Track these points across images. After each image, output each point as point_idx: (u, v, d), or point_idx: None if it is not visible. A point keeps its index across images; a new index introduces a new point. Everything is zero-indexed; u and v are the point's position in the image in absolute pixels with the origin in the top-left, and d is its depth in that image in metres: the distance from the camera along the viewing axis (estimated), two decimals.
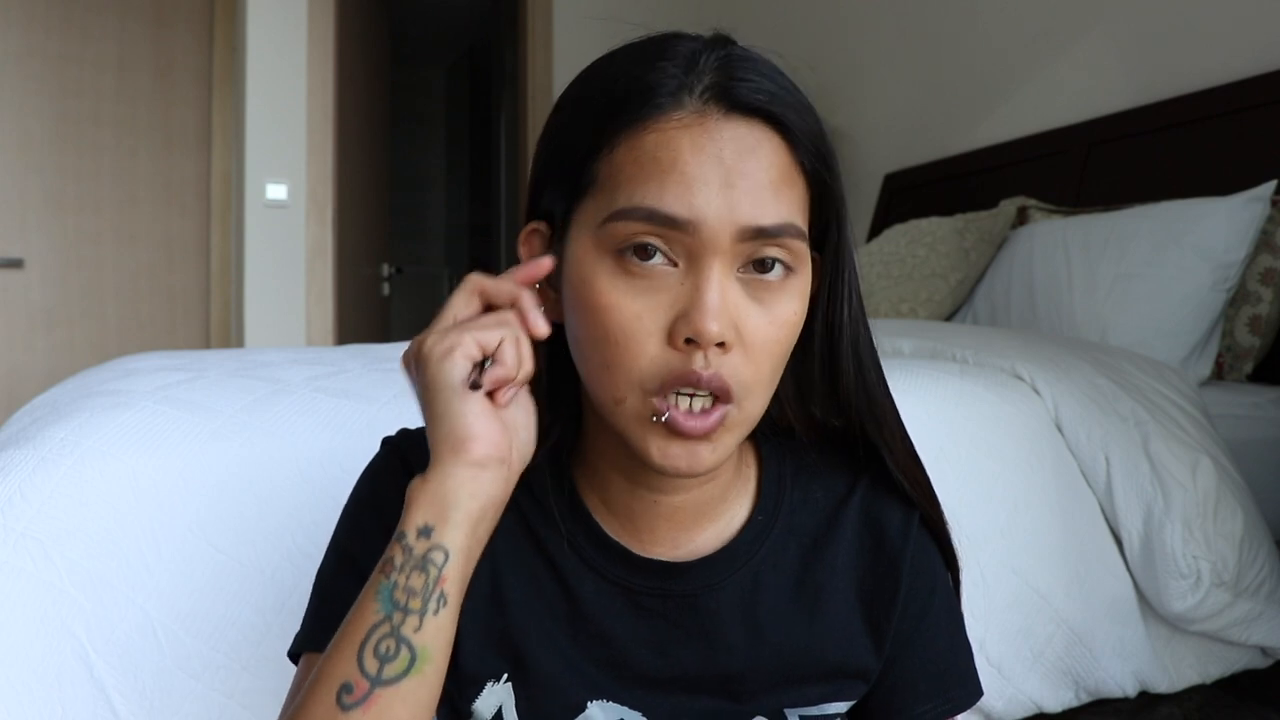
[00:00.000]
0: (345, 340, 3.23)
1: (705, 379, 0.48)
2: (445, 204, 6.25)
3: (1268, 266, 1.65)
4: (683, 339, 0.48)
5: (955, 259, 2.12)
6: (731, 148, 0.49)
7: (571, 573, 0.58)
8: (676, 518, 0.58)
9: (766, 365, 0.51)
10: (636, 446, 0.51)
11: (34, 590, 0.77)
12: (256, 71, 3.08)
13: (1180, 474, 1.14)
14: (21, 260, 3.04)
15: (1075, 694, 1.12)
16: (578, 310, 0.52)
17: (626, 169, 0.50)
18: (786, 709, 0.58)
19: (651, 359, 0.49)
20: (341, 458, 0.89)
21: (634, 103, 0.50)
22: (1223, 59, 1.90)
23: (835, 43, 3.20)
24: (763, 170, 0.49)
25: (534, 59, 3.60)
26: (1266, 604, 1.15)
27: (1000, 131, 2.53)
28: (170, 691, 0.79)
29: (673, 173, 0.48)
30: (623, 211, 0.49)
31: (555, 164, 0.55)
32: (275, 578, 0.83)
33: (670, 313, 0.49)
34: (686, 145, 0.49)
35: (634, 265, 0.49)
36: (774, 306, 0.50)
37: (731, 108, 0.50)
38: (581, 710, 0.56)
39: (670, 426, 0.49)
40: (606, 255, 0.50)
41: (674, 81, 0.50)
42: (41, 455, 0.83)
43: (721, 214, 0.48)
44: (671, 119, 0.49)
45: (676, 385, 0.49)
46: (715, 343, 0.48)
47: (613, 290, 0.50)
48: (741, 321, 0.49)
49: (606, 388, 0.51)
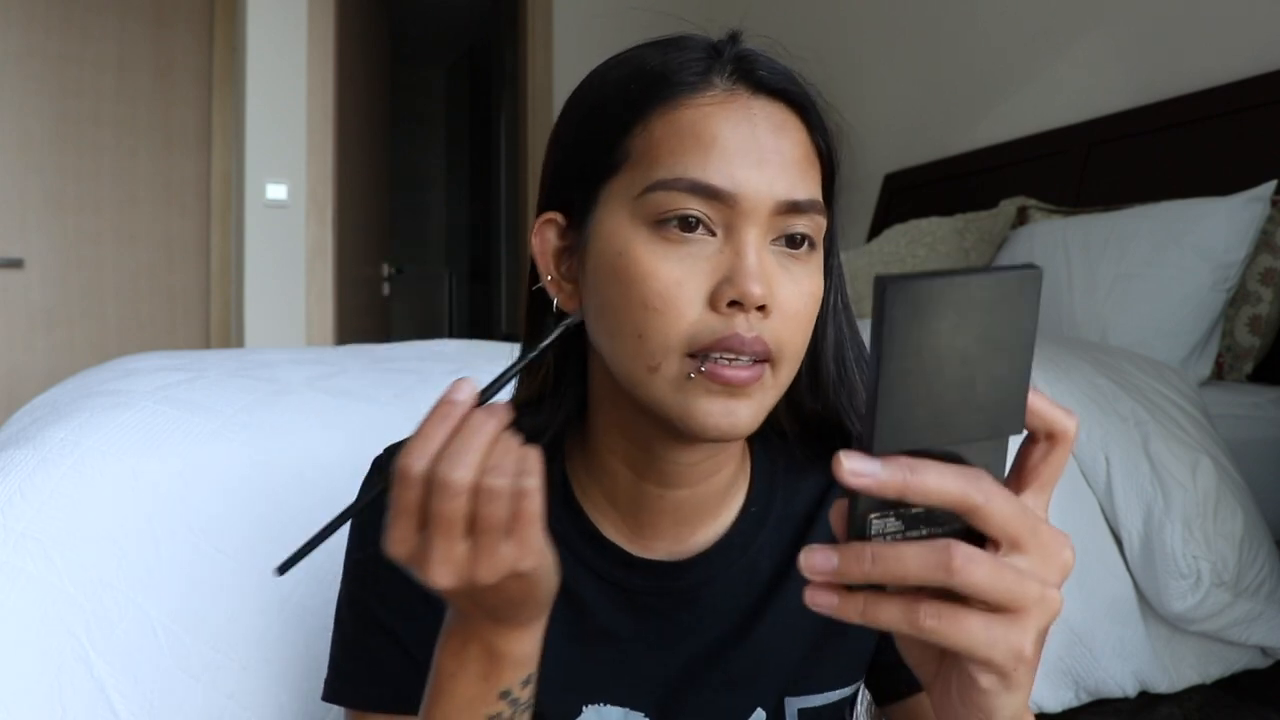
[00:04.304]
0: (345, 340, 3.22)
1: (749, 341, 0.49)
2: (445, 204, 6.25)
3: (1268, 266, 1.65)
4: (726, 302, 0.49)
5: (955, 259, 2.12)
6: (765, 125, 0.51)
7: (568, 575, 0.57)
8: (680, 513, 0.58)
9: (799, 334, 0.52)
10: (673, 412, 0.51)
11: (34, 590, 0.77)
12: (256, 71, 3.08)
13: (1180, 474, 1.14)
14: (21, 260, 3.04)
15: (1075, 694, 1.12)
16: (610, 283, 0.52)
17: (666, 142, 0.51)
18: (787, 699, 0.58)
19: (693, 323, 0.49)
20: (342, 457, 0.89)
21: (667, 80, 0.52)
22: (1223, 59, 1.90)
23: (835, 42, 3.20)
24: (792, 148, 0.51)
25: (534, 59, 3.60)
26: (1266, 604, 1.15)
27: (1000, 131, 2.53)
28: (170, 691, 0.79)
29: (714, 147, 0.50)
30: (664, 182, 0.50)
31: (581, 146, 0.55)
32: (276, 578, 0.83)
33: (711, 279, 0.50)
34: (723, 120, 0.51)
35: (673, 234, 0.50)
36: (802, 279, 0.52)
37: (758, 88, 0.52)
38: (578, 714, 0.56)
39: (711, 378, 0.49)
40: (643, 226, 0.51)
41: (701, 64, 0.52)
42: (41, 455, 0.83)
43: (760, 187, 0.50)
44: (705, 96, 0.51)
45: (719, 349, 0.49)
46: (758, 305, 0.49)
47: (651, 257, 0.50)
48: (776, 289, 0.50)
49: (640, 357, 0.51)
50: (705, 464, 0.57)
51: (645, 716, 0.57)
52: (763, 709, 0.58)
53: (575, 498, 0.59)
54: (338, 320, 3.17)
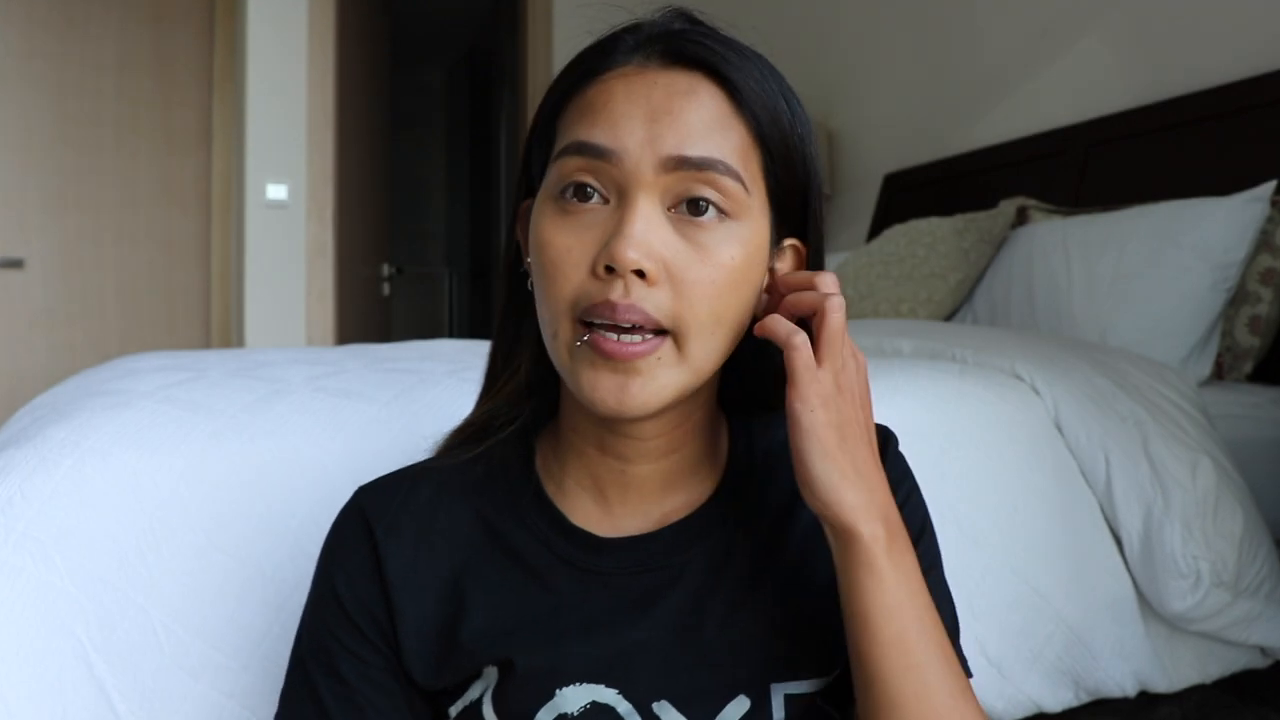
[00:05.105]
0: (345, 340, 3.22)
1: (621, 308, 0.49)
2: (445, 204, 6.25)
3: (1267, 266, 1.65)
4: (602, 267, 0.50)
5: (955, 259, 2.12)
6: (663, 90, 0.51)
7: (540, 564, 0.58)
8: (645, 488, 0.59)
9: (702, 306, 0.51)
10: (571, 382, 0.53)
11: (34, 590, 0.77)
12: (257, 72, 3.08)
13: (1180, 474, 1.14)
14: (21, 260, 3.04)
15: (1075, 694, 1.12)
16: (533, 258, 0.54)
17: (571, 118, 0.53)
18: (772, 685, 0.57)
19: (576, 289, 0.51)
20: (342, 457, 0.89)
21: (588, 65, 0.54)
22: (1223, 59, 1.90)
23: (835, 43, 3.20)
24: (693, 111, 0.51)
25: (534, 59, 3.60)
26: (1266, 604, 1.15)
27: (1000, 131, 2.53)
28: (170, 691, 0.79)
29: (603, 112, 0.51)
30: (559, 152, 0.52)
31: (532, 135, 0.58)
32: (276, 577, 0.83)
33: (597, 245, 0.51)
34: (620, 89, 0.52)
35: (570, 205, 0.52)
36: (708, 247, 0.51)
37: (673, 60, 0.52)
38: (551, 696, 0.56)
39: (594, 348, 0.50)
40: (550, 200, 0.53)
41: (625, 45, 0.54)
42: (41, 455, 0.83)
43: (643, 144, 0.50)
44: (614, 72, 0.53)
45: (595, 315, 0.50)
46: (632, 270, 0.49)
47: (550, 228, 0.52)
48: (670, 259, 0.50)
49: (547, 323, 0.53)
50: (659, 440, 0.57)
51: (619, 694, 0.56)
52: (746, 696, 0.56)
53: (545, 490, 0.60)
54: (338, 320, 3.17)
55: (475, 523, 0.60)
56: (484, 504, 0.60)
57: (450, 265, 6.13)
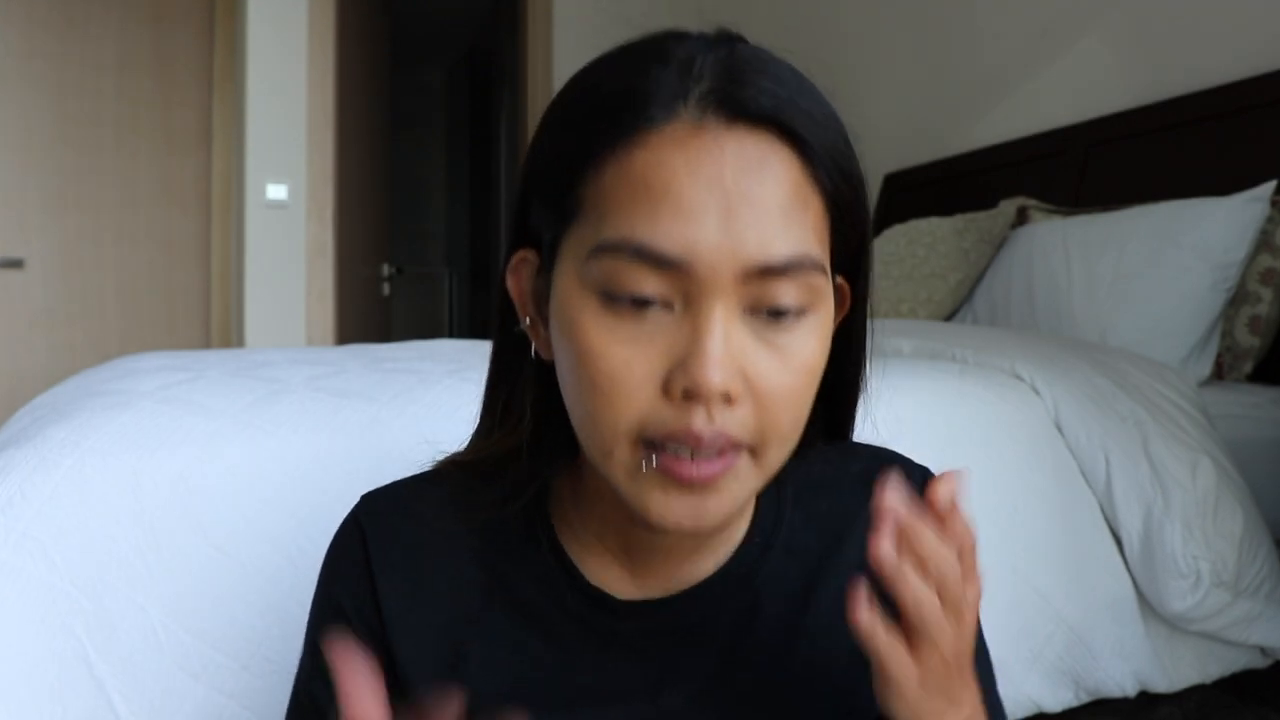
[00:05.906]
0: (345, 340, 3.22)
1: (707, 439, 0.42)
2: (445, 204, 6.25)
3: (1267, 266, 1.65)
4: (680, 391, 0.42)
5: (955, 259, 2.12)
6: (734, 165, 0.42)
7: (550, 621, 0.53)
8: (676, 552, 0.53)
9: (785, 416, 0.44)
10: (633, 504, 0.45)
11: (34, 590, 0.77)
12: (257, 71, 3.08)
13: (1180, 474, 1.14)
14: (21, 260, 3.04)
15: (1075, 694, 1.12)
16: (563, 353, 0.46)
17: (615, 194, 0.43)
18: None
19: (643, 413, 0.43)
20: (342, 458, 0.89)
21: (623, 116, 0.43)
22: (1223, 59, 1.90)
23: (835, 43, 3.20)
24: (771, 193, 0.42)
25: (534, 59, 3.60)
26: (1266, 604, 1.15)
27: (1000, 131, 2.53)
28: (170, 691, 0.79)
29: (665, 201, 0.41)
30: (609, 245, 0.42)
31: (540, 186, 0.48)
32: (276, 578, 0.83)
33: (666, 360, 0.42)
34: (681, 165, 0.42)
35: (624, 308, 0.43)
36: (789, 350, 0.44)
37: (734, 116, 0.43)
38: None
39: (666, 473, 0.43)
40: (592, 294, 0.44)
41: (667, 89, 0.43)
42: (41, 455, 0.83)
43: (723, 249, 0.41)
44: (664, 133, 0.42)
45: (673, 442, 0.43)
46: (719, 396, 0.42)
47: (599, 333, 0.43)
48: (751, 369, 0.43)
49: (595, 440, 0.45)
50: None
51: None
52: None
53: (560, 545, 0.54)
54: (338, 320, 3.17)
55: (479, 566, 0.54)
56: (489, 547, 0.54)
57: (450, 265, 6.13)
